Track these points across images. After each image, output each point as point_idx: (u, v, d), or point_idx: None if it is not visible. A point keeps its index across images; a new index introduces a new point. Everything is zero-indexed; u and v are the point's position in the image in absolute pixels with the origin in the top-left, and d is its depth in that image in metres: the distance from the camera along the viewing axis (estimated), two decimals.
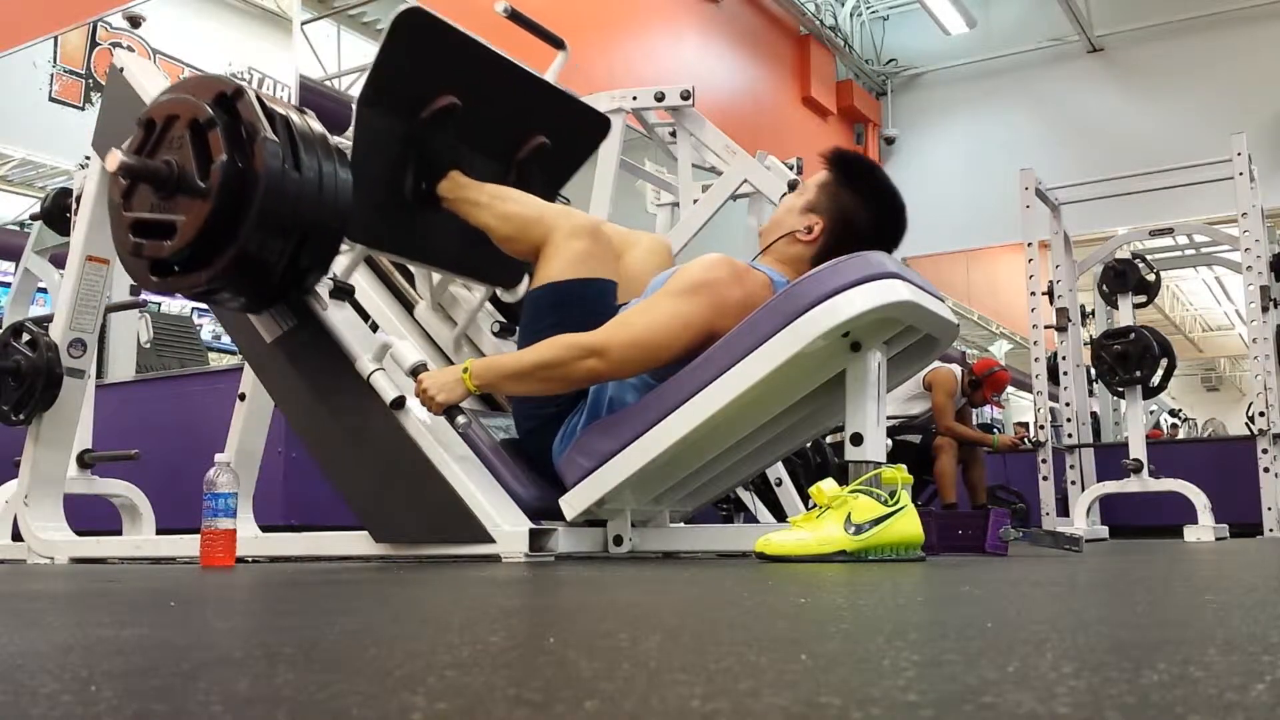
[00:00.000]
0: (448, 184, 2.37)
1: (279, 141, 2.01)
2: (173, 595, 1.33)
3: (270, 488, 3.25)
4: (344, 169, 2.14)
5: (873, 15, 10.93)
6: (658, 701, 0.45)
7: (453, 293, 2.78)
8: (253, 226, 1.99)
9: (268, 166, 1.98)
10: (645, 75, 7.31)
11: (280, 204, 2.01)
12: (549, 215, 2.32)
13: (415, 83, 2.32)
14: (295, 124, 2.07)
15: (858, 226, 2.20)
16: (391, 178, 2.35)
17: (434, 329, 2.78)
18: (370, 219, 2.32)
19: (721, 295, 2.10)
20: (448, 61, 2.34)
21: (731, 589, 1.28)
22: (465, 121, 2.38)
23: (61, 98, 7.87)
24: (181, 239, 2.01)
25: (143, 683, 0.52)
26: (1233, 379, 21.10)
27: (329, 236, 2.14)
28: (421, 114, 2.33)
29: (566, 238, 2.26)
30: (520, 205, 2.35)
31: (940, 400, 5.72)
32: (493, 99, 2.44)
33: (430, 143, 2.36)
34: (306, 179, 2.04)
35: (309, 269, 2.16)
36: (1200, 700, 0.43)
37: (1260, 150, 6.08)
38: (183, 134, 2.03)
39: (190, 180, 1.99)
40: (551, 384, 2.15)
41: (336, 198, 2.11)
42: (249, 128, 2.00)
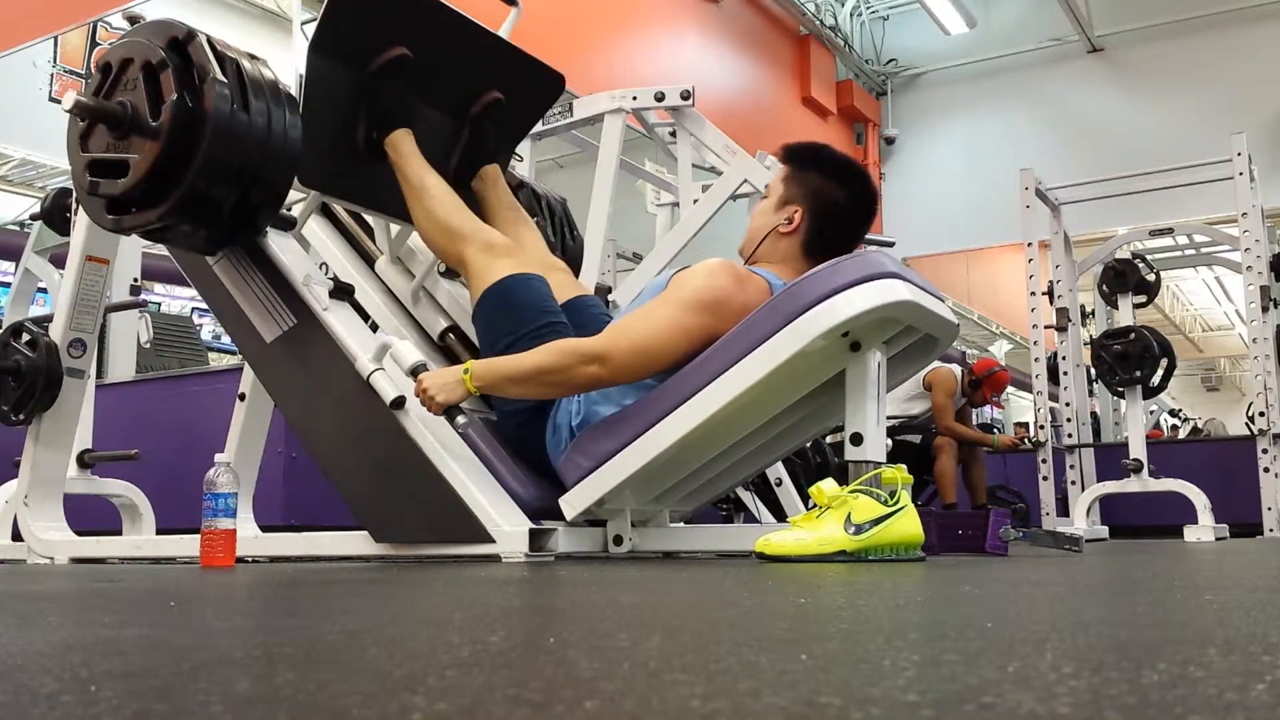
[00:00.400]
0: (392, 144, 2.41)
1: (228, 83, 2.05)
2: (173, 595, 1.33)
3: (270, 488, 3.25)
4: (294, 114, 2.18)
5: (873, 15, 10.93)
6: (658, 701, 0.45)
7: (410, 245, 2.78)
8: (201, 165, 2.03)
9: (216, 108, 2.02)
10: (645, 75, 7.31)
11: (228, 145, 2.05)
12: (466, 229, 2.37)
13: (366, 33, 2.35)
14: (246, 69, 2.11)
15: (834, 199, 2.25)
16: (343, 126, 2.39)
17: (394, 282, 2.78)
18: (322, 165, 2.37)
19: (723, 301, 2.10)
20: (399, 13, 2.37)
21: (731, 589, 1.27)
22: (417, 74, 2.41)
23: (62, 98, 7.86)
24: (134, 177, 2.05)
25: (143, 683, 0.52)
26: (1233, 379, 21.11)
27: (278, 178, 2.18)
28: (372, 64, 2.37)
29: (482, 249, 2.35)
30: (443, 209, 2.39)
31: (940, 400, 5.72)
32: (445, 53, 2.47)
33: (381, 94, 2.39)
34: (255, 121, 2.08)
35: (259, 209, 2.20)
36: (1200, 700, 0.43)
37: (1260, 150, 6.09)
38: (137, 76, 2.07)
39: (143, 120, 2.04)
40: (552, 389, 2.15)
41: (286, 141, 2.14)
42: (200, 70, 2.05)
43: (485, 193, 2.60)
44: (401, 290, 2.75)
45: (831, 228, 2.25)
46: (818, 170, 2.28)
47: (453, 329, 2.66)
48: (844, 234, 2.28)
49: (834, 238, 2.26)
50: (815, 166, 2.29)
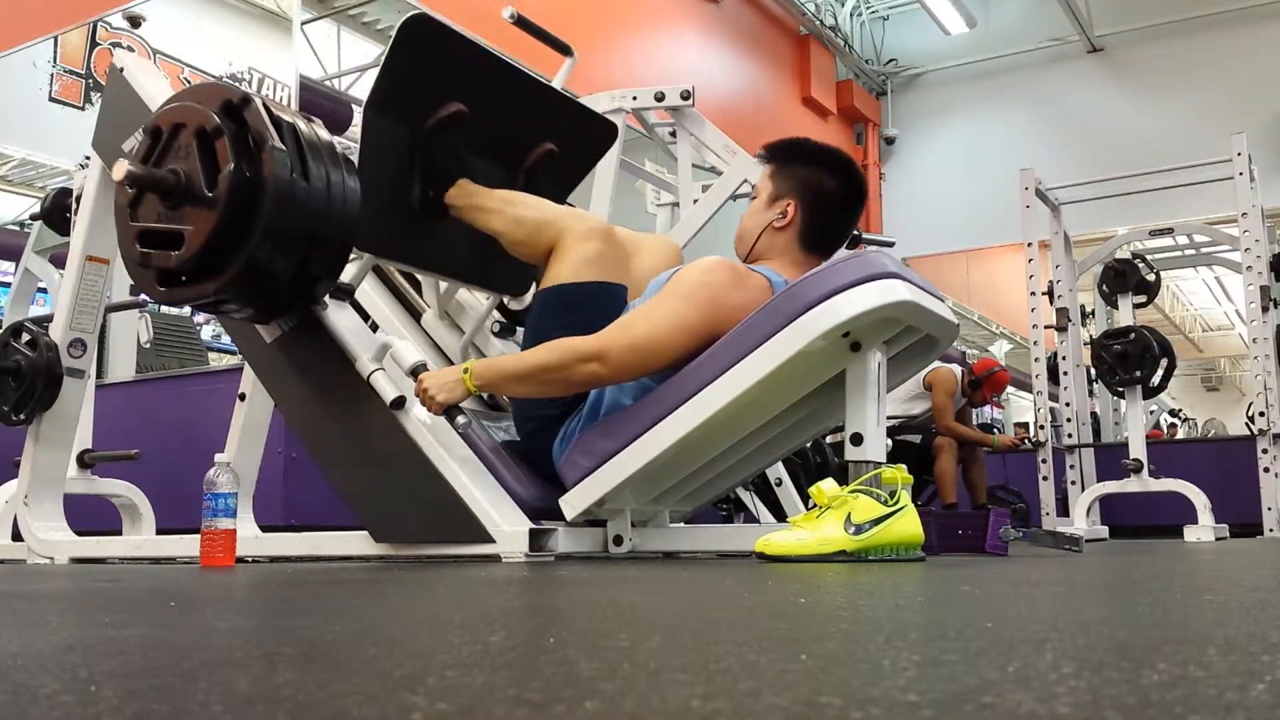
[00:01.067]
0: (456, 192, 2.36)
1: (287, 150, 1.99)
2: (173, 595, 1.33)
3: (270, 488, 3.25)
4: (352, 177, 2.12)
5: (873, 15, 10.93)
6: (658, 701, 0.45)
7: (459, 300, 2.78)
8: (261, 236, 1.97)
9: (276, 175, 1.96)
10: (645, 75, 7.31)
11: (288, 213, 1.99)
12: (561, 218, 2.31)
13: (422, 90, 2.29)
14: (303, 132, 2.05)
15: (824, 188, 2.26)
16: (399, 186, 2.33)
17: (441, 337, 2.77)
18: (378, 227, 2.30)
19: (721, 299, 2.10)
20: (454, 68, 2.32)
21: (731, 589, 1.27)
22: (472, 129, 2.36)
23: (61, 98, 7.87)
24: (189, 249, 1.99)
25: (143, 683, 0.52)
26: (1233, 379, 21.10)
27: (338, 246, 2.12)
28: (428, 122, 2.31)
29: (578, 240, 2.25)
30: (531, 209, 2.34)
31: (940, 400, 5.72)
32: (500, 106, 2.42)
33: (437, 151, 2.34)
34: (315, 188, 2.02)
35: (318, 279, 2.15)
36: (1200, 700, 0.43)
37: (1260, 150, 6.08)
38: (190, 142, 2.01)
39: (198, 190, 1.97)
40: (552, 387, 2.15)
41: (345, 206, 2.08)
42: (256, 136, 1.98)
43: None
44: (450, 346, 2.74)
45: (826, 216, 2.27)
46: (804, 162, 2.29)
47: None
48: (838, 221, 2.30)
49: (829, 226, 2.28)
50: (800, 159, 2.30)
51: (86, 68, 8.31)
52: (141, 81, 2.67)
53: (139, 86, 2.65)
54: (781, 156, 2.32)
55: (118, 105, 2.72)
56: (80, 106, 7.75)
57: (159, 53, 7.36)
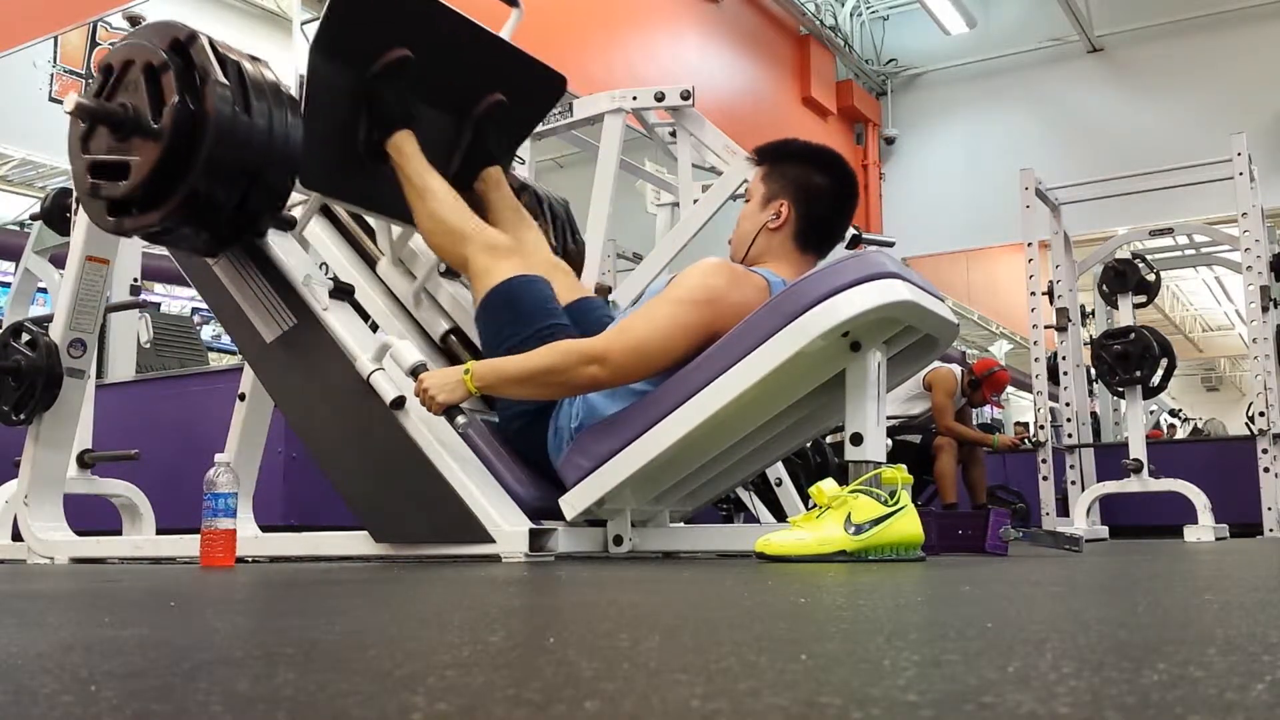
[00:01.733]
0: (394, 145, 2.40)
1: (230, 85, 2.05)
2: (173, 595, 1.33)
3: (270, 488, 3.25)
4: (295, 116, 2.17)
5: (873, 15, 10.93)
6: (658, 701, 0.45)
7: (412, 247, 2.78)
8: (203, 167, 2.02)
9: (218, 110, 2.02)
10: (645, 75, 7.31)
11: (230, 146, 2.04)
12: (468, 230, 2.37)
13: (368, 34, 2.34)
14: (248, 70, 2.11)
15: (816, 185, 2.27)
16: (344, 128, 2.38)
17: (395, 284, 2.77)
18: (323, 167, 2.36)
19: (720, 300, 2.10)
20: (400, 14, 2.37)
21: (731, 589, 1.27)
22: (419, 76, 2.40)
23: (61, 98, 7.86)
24: (135, 179, 2.05)
25: (143, 683, 0.52)
26: (1233, 379, 21.11)
27: (279, 180, 2.17)
28: (374, 66, 2.36)
29: (485, 250, 2.34)
30: (446, 211, 2.39)
31: (940, 400, 5.72)
32: (447, 54, 2.46)
33: (382, 95, 2.38)
34: (257, 123, 2.08)
35: (259, 211, 2.19)
36: (1200, 700, 0.43)
37: (1260, 150, 6.08)
38: (138, 78, 2.07)
39: (144, 122, 2.03)
40: (553, 389, 2.16)
41: (287, 143, 2.14)
42: (201, 72, 2.04)
43: (488, 194, 2.60)
44: (403, 292, 2.75)
45: (820, 213, 2.29)
46: (794, 162, 2.31)
47: (454, 331, 2.66)
48: (832, 218, 2.32)
49: (823, 223, 2.30)
50: (790, 159, 2.32)
51: (86, 68, 8.31)
52: None
53: None
54: (772, 158, 2.34)
55: None
56: None
57: None
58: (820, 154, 2.33)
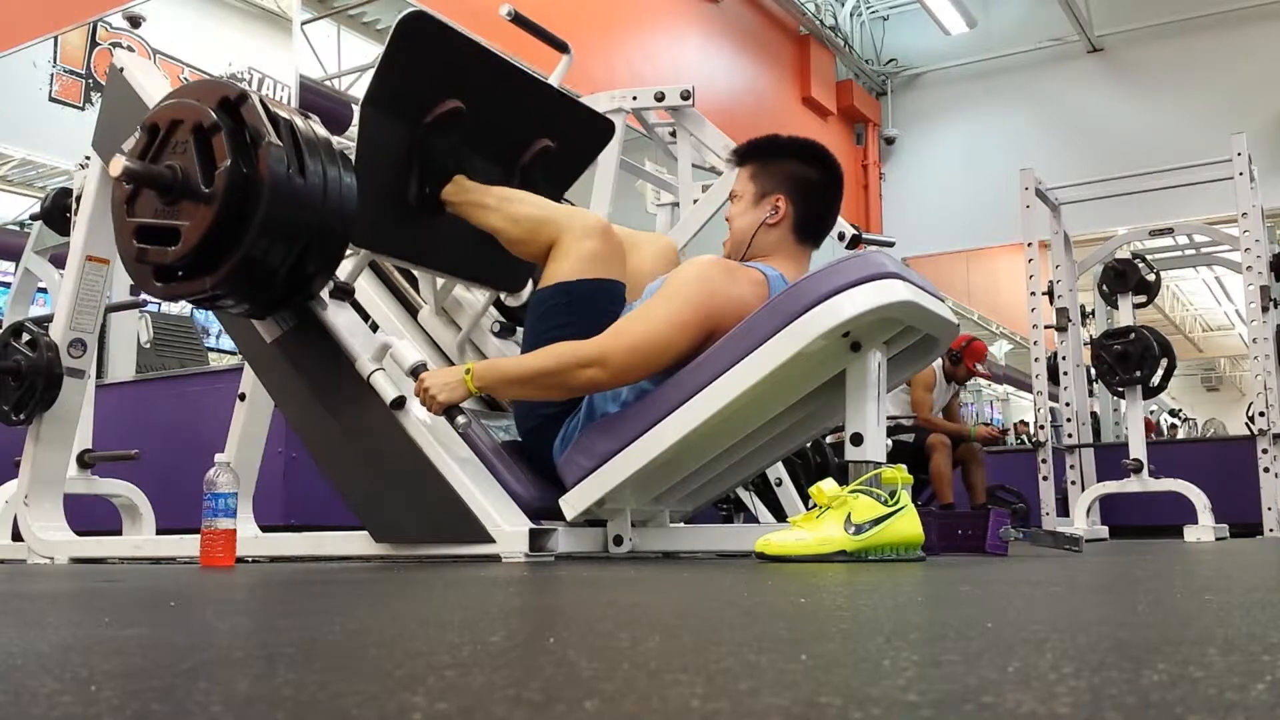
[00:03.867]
0: (453, 188, 2.36)
1: (283, 146, 2.00)
2: (173, 595, 1.33)
3: (270, 488, 3.25)
4: (348, 173, 2.12)
5: (873, 15, 10.92)
6: (658, 701, 0.45)
7: (456, 297, 2.78)
8: (257, 232, 1.97)
9: (272, 171, 1.97)
10: (645, 75, 7.31)
11: (285, 209, 1.99)
12: (559, 215, 2.31)
13: (419, 87, 2.30)
14: (299, 128, 2.06)
15: (809, 178, 2.29)
16: (396, 182, 2.33)
17: (438, 333, 2.77)
18: (374, 223, 2.31)
19: (716, 296, 2.11)
20: (452, 66, 2.33)
21: (731, 589, 1.27)
22: (470, 126, 2.36)
23: (61, 98, 7.87)
24: (185, 245, 2.00)
25: (143, 683, 0.52)
26: (1233, 379, 21.09)
27: (334, 241, 2.13)
28: (425, 119, 2.32)
29: (577, 238, 2.25)
30: (529, 206, 2.35)
31: (918, 395, 5.75)
32: (497, 103, 2.43)
33: (434, 147, 2.34)
34: (311, 184, 2.03)
35: (314, 274, 2.16)
36: (1200, 700, 0.43)
37: (1260, 150, 6.08)
38: (186, 139, 2.01)
39: (194, 186, 1.98)
40: (551, 391, 2.16)
41: (341, 202, 2.09)
42: (253, 132, 1.99)
43: None
44: (446, 342, 2.75)
45: (815, 205, 2.30)
46: (784, 157, 2.31)
47: None
48: (826, 208, 2.34)
49: (819, 214, 2.32)
50: (780, 154, 2.32)
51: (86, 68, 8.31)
52: (141, 81, 2.67)
53: (139, 86, 2.65)
54: (760, 155, 2.34)
55: (117, 105, 2.72)
56: (80, 106, 7.75)
57: (159, 53, 7.35)
58: (808, 147, 2.34)
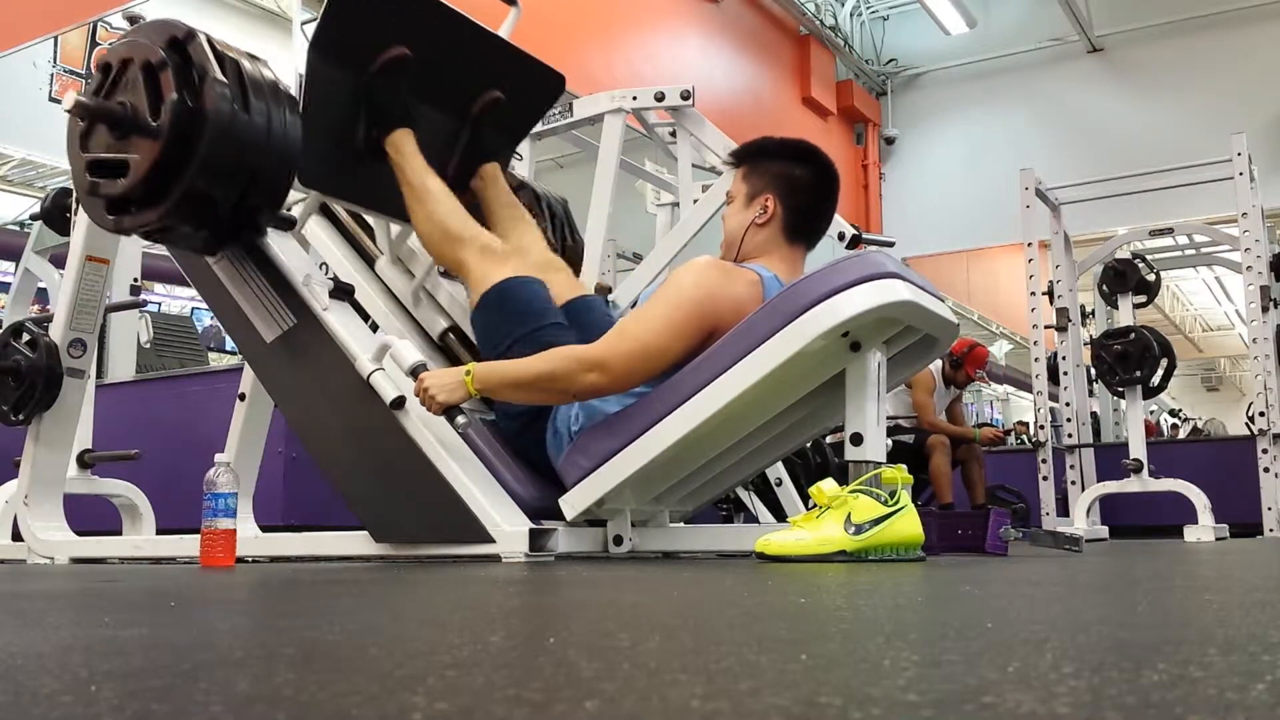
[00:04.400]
0: (393, 144, 2.40)
1: (228, 83, 2.05)
2: (173, 595, 1.33)
3: (270, 488, 3.25)
4: (294, 114, 2.17)
5: (873, 15, 10.93)
6: (658, 701, 0.45)
7: (410, 246, 2.78)
8: (200, 165, 2.02)
9: (216, 107, 2.01)
10: (645, 75, 7.31)
11: (228, 144, 2.04)
12: (465, 234, 2.38)
13: (366, 33, 2.34)
14: (246, 68, 2.11)
15: (798, 177, 2.29)
16: (343, 126, 2.39)
17: (394, 283, 2.77)
18: (322, 165, 2.36)
19: (714, 297, 2.12)
20: (399, 12, 2.37)
21: (731, 589, 1.27)
22: (418, 75, 2.40)
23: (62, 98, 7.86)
24: (134, 177, 2.04)
25: (143, 683, 0.52)
26: (1233, 379, 21.10)
27: (277, 178, 2.17)
28: (372, 64, 2.36)
29: (480, 253, 2.36)
30: (443, 213, 2.39)
31: (920, 398, 5.74)
32: (446, 53, 2.47)
33: (381, 94, 2.39)
34: (255, 121, 2.07)
35: (258, 209, 2.19)
36: (1200, 700, 0.43)
37: (1260, 150, 6.08)
38: (137, 76, 2.07)
39: (143, 120, 2.03)
40: (553, 395, 2.17)
41: (285, 141, 2.13)
42: (199, 70, 2.04)
43: (484, 191, 2.61)
44: (402, 290, 2.75)
45: (804, 203, 2.30)
46: (772, 158, 2.32)
47: (453, 329, 2.66)
48: (817, 208, 2.34)
49: (809, 213, 2.32)
50: (769, 155, 2.33)
51: (86, 68, 8.31)
52: None
53: None
54: (750, 157, 2.35)
55: None
56: None
57: None
58: (797, 147, 2.35)
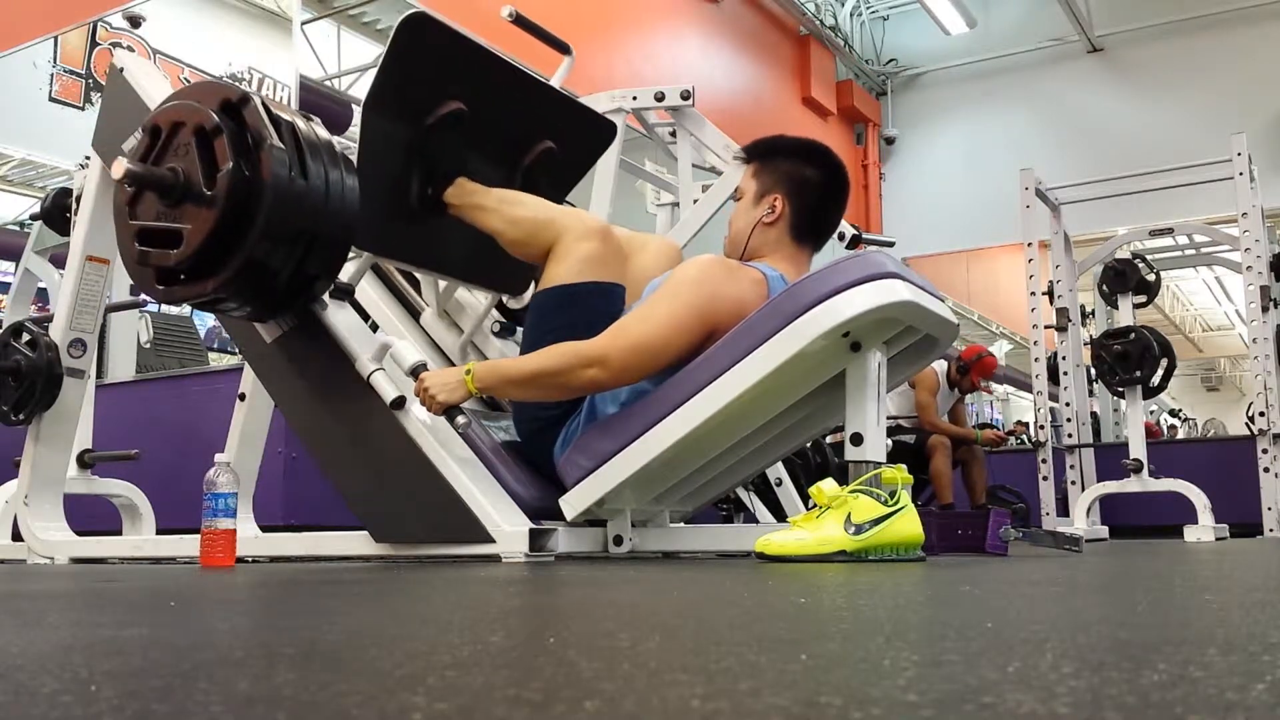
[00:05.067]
0: (454, 190, 2.36)
1: (285, 149, 1.99)
2: (173, 595, 1.33)
3: (270, 488, 3.25)
4: (350, 176, 2.12)
5: (873, 15, 10.92)
6: (658, 701, 0.45)
7: (458, 299, 2.78)
8: (259, 235, 1.97)
9: (274, 174, 1.96)
10: (645, 75, 7.31)
11: (287, 212, 1.99)
12: (559, 218, 2.31)
13: (420, 89, 2.29)
14: (301, 131, 2.06)
15: (807, 178, 2.27)
16: (398, 184, 2.32)
17: (440, 336, 2.77)
18: (377, 226, 2.30)
19: (716, 295, 2.11)
20: (453, 67, 2.32)
21: (731, 589, 1.27)
22: (471, 127, 2.35)
23: (61, 98, 7.87)
24: (188, 247, 1.99)
25: (143, 683, 0.52)
26: (1233, 379, 21.10)
27: (336, 244, 2.13)
28: (427, 120, 2.31)
29: (576, 240, 2.25)
30: (529, 209, 2.34)
31: (923, 398, 5.74)
32: (498, 105, 2.42)
33: (436, 149, 2.34)
34: (313, 186, 2.03)
35: (316, 277, 2.15)
36: (1200, 700, 0.43)
37: (1260, 150, 6.08)
38: (188, 141, 2.01)
39: (196, 188, 1.98)
40: (552, 391, 2.16)
41: (343, 205, 2.09)
42: (255, 135, 1.99)
43: None
44: (449, 345, 2.75)
45: (812, 205, 2.29)
46: (783, 157, 2.31)
47: None
48: (826, 209, 2.32)
49: (817, 214, 2.30)
50: (780, 154, 2.32)
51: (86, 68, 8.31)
52: (141, 82, 2.67)
53: (139, 86, 2.65)
54: (761, 154, 2.33)
55: (118, 105, 2.72)
56: (80, 106, 7.75)
57: (159, 53, 7.35)
58: (809, 147, 2.33)
